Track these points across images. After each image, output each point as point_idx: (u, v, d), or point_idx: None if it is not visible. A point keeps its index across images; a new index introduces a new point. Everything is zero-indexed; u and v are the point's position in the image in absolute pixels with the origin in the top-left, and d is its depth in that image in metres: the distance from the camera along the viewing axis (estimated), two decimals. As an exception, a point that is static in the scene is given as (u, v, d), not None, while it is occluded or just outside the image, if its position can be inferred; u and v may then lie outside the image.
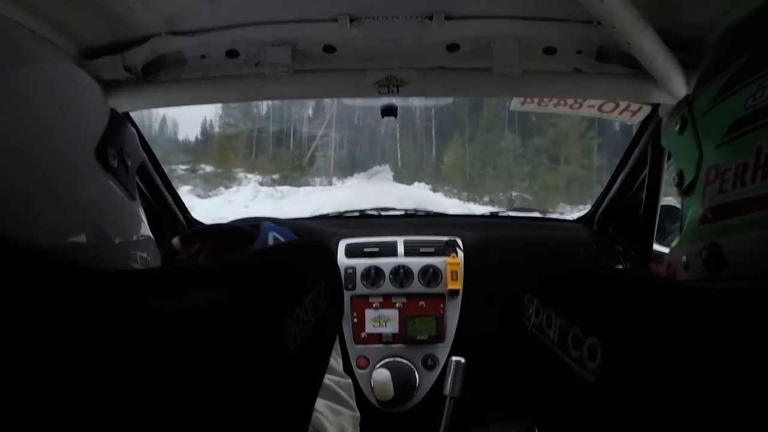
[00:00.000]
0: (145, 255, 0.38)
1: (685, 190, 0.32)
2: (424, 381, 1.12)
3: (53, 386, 0.19)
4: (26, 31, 0.36)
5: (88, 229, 0.32)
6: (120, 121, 0.38)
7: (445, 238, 1.20)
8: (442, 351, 1.13)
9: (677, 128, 0.33)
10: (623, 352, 0.22)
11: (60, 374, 0.19)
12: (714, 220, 0.28)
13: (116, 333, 0.21)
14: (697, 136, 0.30)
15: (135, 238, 0.37)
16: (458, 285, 1.14)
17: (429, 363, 1.13)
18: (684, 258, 0.32)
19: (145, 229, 0.39)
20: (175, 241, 0.71)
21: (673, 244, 0.34)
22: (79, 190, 0.32)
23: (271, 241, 0.70)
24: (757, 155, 0.24)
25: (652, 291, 0.25)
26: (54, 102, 0.32)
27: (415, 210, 1.49)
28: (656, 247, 1.13)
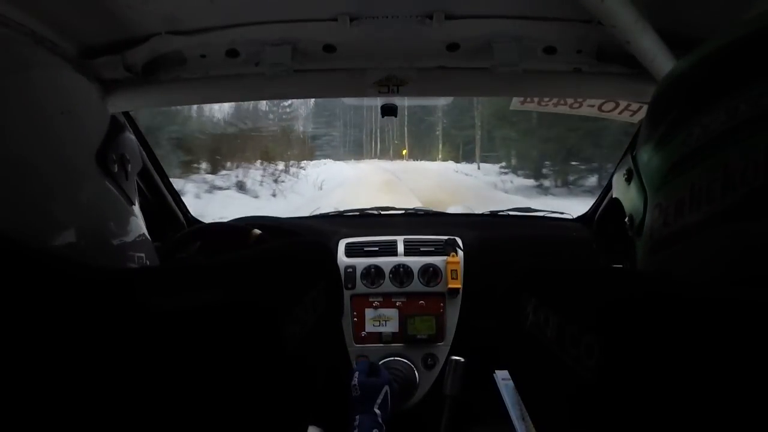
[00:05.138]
0: (142, 255, 0.38)
1: (636, 230, 0.36)
2: (424, 380, 1.12)
3: (54, 384, 0.19)
4: (25, 38, 0.37)
5: (86, 231, 0.32)
6: (120, 127, 0.38)
7: (445, 237, 1.20)
8: (442, 350, 1.13)
9: (624, 179, 0.38)
10: (620, 350, 0.23)
11: (61, 372, 0.19)
12: (661, 250, 0.32)
13: (116, 331, 0.21)
14: (642, 183, 0.35)
15: (132, 239, 0.37)
16: (458, 284, 1.14)
17: (429, 362, 1.13)
18: None
19: (143, 231, 0.40)
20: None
21: None
22: (79, 193, 0.32)
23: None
24: (691, 191, 0.29)
25: (648, 289, 0.25)
26: (55, 107, 0.32)
27: (415, 209, 1.50)
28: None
